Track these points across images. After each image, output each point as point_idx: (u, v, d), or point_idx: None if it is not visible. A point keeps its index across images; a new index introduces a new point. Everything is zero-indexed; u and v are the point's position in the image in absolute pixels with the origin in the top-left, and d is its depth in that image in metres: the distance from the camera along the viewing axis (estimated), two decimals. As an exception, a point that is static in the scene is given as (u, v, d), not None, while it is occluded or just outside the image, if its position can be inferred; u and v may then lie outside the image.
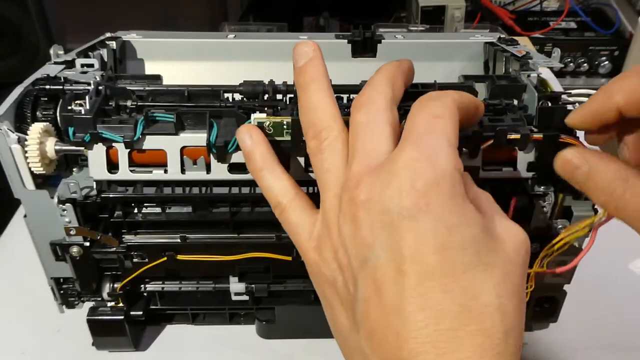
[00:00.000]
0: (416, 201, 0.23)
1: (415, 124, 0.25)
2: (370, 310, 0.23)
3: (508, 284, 0.23)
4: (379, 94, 0.28)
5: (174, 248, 0.40)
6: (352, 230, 0.25)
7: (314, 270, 0.28)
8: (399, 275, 0.23)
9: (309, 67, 0.30)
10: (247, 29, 0.96)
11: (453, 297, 0.22)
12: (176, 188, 0.38)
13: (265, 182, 0.30)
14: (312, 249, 0.28)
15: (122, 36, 0.49)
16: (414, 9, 0.89)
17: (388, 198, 0.23)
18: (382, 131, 0.26)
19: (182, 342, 0.48)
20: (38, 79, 0.38)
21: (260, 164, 0.31)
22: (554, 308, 0.44)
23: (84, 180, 0.37)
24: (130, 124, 0.35)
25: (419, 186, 0.23)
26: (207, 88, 0.37)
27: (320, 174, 0.28)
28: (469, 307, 0.22)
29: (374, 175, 0.25)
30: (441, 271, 0.22)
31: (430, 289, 0.22)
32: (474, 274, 0.23)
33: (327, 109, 0.28)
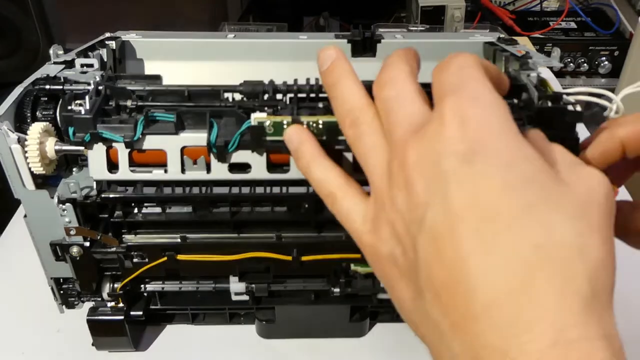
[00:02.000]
0: (469, 144, 0.22)
1: (444, 81, 0.24)
2: (433, 270, 0.21)
3: (584, 222, 0.21)
4: (400, 70, 0.27)
5: (174, 248, 0.40)
6: (406, 195, 0.23)
7: (371, 254, 0.26)
8: (458, 223, 0.21)
9: (335, 67, 0.30)
10: (247, 29, 0.96)
11: (521, 238, 0.20)
12: (176, 188, 0.38)
13: (315, 174, 0.30)
14: (367, 232, 0.26)
15: (122, 36, 0.49)
16: (414, 9, 0.89)
17: (439, 149, 0.22)
18: (414, 99, 0.26)
19: (182, 342, 0.48)
20: (38, 79, 0.38)
21: (308, 159, 0.30)
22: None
23: (84, 180, 0.37)
24: (130, 124, 0.35)
25: (468, 128, 0.22)
26: (207, 88, 0.37)
27: (364, 159, 0.27)
28: (541, 247, 0.19)
29: (420, 134, 0.23)
30: (505, 211, 0.20)
31: (494, 233, 0.20)
32: (544, 209, 0.20)
33: (359, 98, 0.28)
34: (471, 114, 0.22)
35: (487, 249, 0.20)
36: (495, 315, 0.19)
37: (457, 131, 0.22)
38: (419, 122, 0.24)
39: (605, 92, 0.34)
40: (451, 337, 0.21)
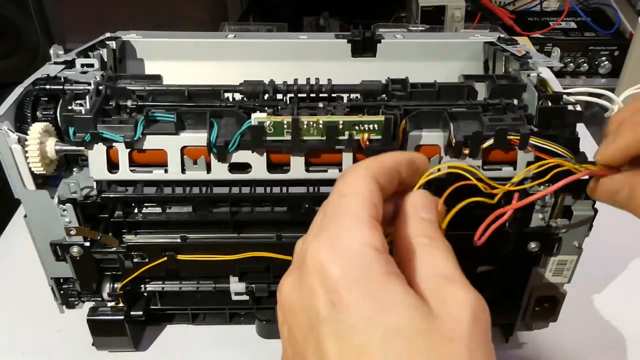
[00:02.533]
0: (328, 300, 0.21)
1: (322, 210, 0.24)
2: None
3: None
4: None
5: (174, 248, 0.40)
6: (289, 335, 0.23)
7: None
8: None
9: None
10: (247, 29, 0.96)
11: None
12: (176, 188, 0.38)
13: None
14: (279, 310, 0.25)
15: (122, 36, 0.49)
16: (414, 9, 0.89)
17: (305, 303, 0.22)
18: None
19: (182, 342, 0.48)
20: (38, 79, 0.38)
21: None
22: (554, 308, 0.44)
23: (84, 180, 0.37)
24: (130, 124, 0.35)
25: (327, 282, 0.21)
26: (208, 88, 0.37)
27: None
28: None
29: (291, 277, 0.23)
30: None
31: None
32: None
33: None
34: (328, 264, 0.21)
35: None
36: None
37: (315, 282, 0.21)
38: (297, 261, 0.24)
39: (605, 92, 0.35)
40: None
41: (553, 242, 0.40)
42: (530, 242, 0.39)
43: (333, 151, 0.35)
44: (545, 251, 0.40)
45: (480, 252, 0.31)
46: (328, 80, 0.37)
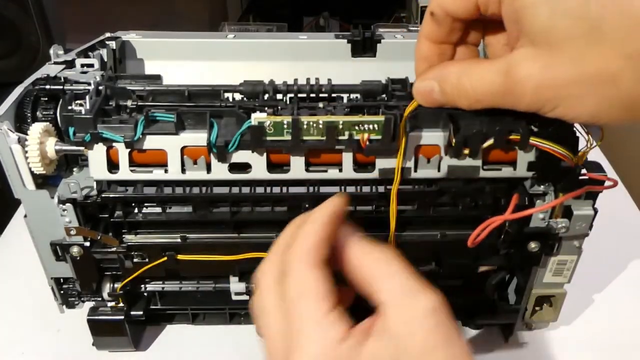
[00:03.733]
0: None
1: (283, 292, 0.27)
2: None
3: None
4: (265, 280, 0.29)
5: (174, 248, 0.40)
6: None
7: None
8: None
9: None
10: (247, 29, 0.96)
11: None
12: (176, 188, 0.38)
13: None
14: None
15: (122, 36, 0.49)
16: (414, 9, 0.89)
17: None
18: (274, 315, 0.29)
19: (182, 342, 0.48)
20: (38, 79, 0.38)
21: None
22: (553, 308, 0.44)
23: (84, 180, 0.37)
24: (130, 124, 0.35)
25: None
26: (208, 88, 0.37)
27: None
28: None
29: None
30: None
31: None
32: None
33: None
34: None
35: None
36: None
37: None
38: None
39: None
40: None
41: (553, 242, 0.40)
42: (530, 242, 0.39)
43: (333, 151, 0.35)
44: (545, 251, 0.40)
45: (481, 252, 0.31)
46: (328, 80, 0.37)
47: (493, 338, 0.48)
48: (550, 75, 0.26)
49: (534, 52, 0.27)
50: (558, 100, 0.27)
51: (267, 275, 0.28)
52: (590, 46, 0.25)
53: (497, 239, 0.38)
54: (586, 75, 0.25)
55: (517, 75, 0.27)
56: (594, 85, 0.25)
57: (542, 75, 0.26)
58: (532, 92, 0.27)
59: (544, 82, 0.26)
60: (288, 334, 0.26)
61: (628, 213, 0.63)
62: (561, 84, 0.26)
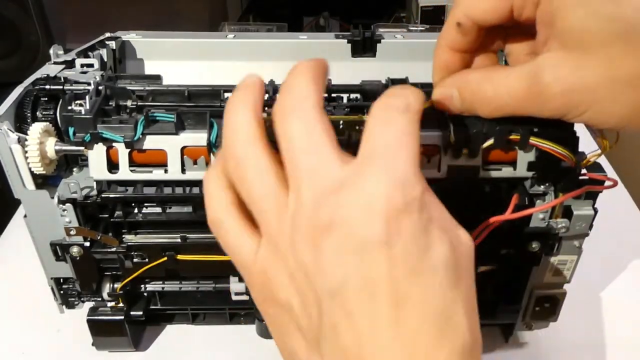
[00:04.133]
0: (387, 227, 0.22)
1: (381, 142, 0.23)
2: (341, 339, 0.22)
3: (470, 297, 0.23)
4: (305, 99, 0.24)
5: (174, 248, 0.40)
6: (314, 256, 0.23)
7: (260, 293, 0.26)
8: (371, 302, 0.22)
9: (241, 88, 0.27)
10: (247, 29, 0.96)
11: (428, 322, 0.22)
12: (176, 188, 0.38)
13: (209, 188, 0.27)
14: (257, 272, 0.25)
15: (122, 36, 0.49)
16: (414, 9, 0.89)
17: (356, 223, 0.22)
18: (325, 144, 0.23)
19: (182, 342, 0.48)
20: (38, 79, 0.38)
21: (208, 173, 0.27)
22: (554, 307, 0.44)
23: (84, 180, 0.37)
24: (130, 124, 0.35)
25: (389, 212, 0.22)
26: (207, 88, 0.37)
27: (253, 200, 0.25)
28: (443, 330, 0.22)
29: (336, 196, 0.22)
30: (415, 297, 0.22)
31: (404, 316, 0.21)
32: (445, 295, 0.22)
33: (247, 139, 0.25)
34: (394, 197, 0.22)
35: (396, 331, 0.21)
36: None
37: (377, 209, 0.22)
38: (333, 178, 0.23)
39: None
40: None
41: (553, 242, 0.40)
42: (531, 242, 0.39)
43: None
44: (545, 251, 0.40)
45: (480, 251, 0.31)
46: (328, 80, 0.37)
47: (493, 338, 0.48)
48: (581, 78, 0.26)
49: (563, 55, 0.26)
50: (587, 105, 0.26)
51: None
52: (624, 48, 0.24)
53: (497, 239, 0.39)
54: (618, 78, 0.25)
55: (545, 78, 0.26)
56: (626, 89, 0.25)
57: (571, 78, 0.26)
58: (560, 95, 0.26)
59: (574, 85, 0.26)
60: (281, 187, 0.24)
61: (628, 213, 0.63)
62: (592, 87, 0.26)
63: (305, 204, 0.23)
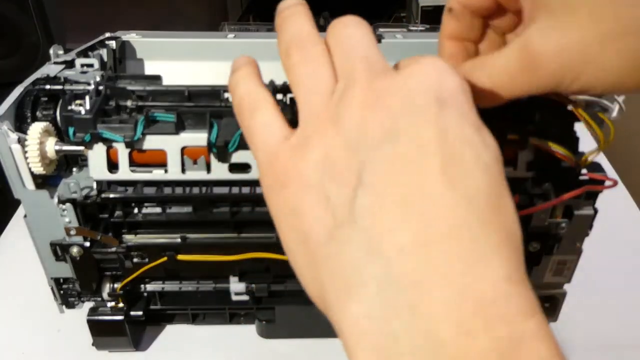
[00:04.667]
0: (444, 95, 0.22)
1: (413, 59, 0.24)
2: (388, 192, 0.20)
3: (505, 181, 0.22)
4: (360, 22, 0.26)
5: (174, 248, 0.40)
6: (362, 116, 0.22)
7: (280, 173, 0.24)
8: (424, 157, 0.20)
9: (291, 5, 0.28)
10: (247, 29, 0.96)
11: (481, 185, 0.20)
12: (176, 188, 0.38)
13: (246, 87, 0.28)
14: (283, 150, 0.24)
15: (122, 36, 0.49)
16: (414, 9, 0.89)
17: (414, 84, 0.22)
18: (375, 45, 0.25)
19: (182, 342, 0.48)
20: (38, 79, 0.38)
21: (243, 74, 0.28)
22: (554, 307, 0.44)
23: (84, 180, 0.37)
24: (130, 124, 0.35)
25: (447, 84, 0.22)
26: (208, 88, 0.37)
27: (304, 80, 0.25)
28: (493, 200, 0.20)
29: (390, 72, 0.23)
30: (467, 159, 0.21)
31: (457, 174, 0.20)
32: (493, 171, 0.21)
33: (310, 30, 0.26)
34: (448, 76, 0.22)
35: (451, 185, 0.20)
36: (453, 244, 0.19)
37: (434, 80, 0.22)
38: (385, 68, 0.23)
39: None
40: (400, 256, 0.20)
41: (553, 242, 0.40)
42: (531, 242, 0.39)
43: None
44: (545, 251, 0.40)
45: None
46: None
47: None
48: (569, 39, 0.25)
49: (549, 21, 0.26)
50: (580, 67, 0.25)
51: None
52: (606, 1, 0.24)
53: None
54: (606, 32, 0.24)
55: (534, 47, 0.26)
56: (616, 42, 0.24)
57: (561, 40, 0.25)
58: (552, 61, 0.26)
59: (564, 46, 0.25)
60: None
61: (628, 213, 0.63)
62: (582, 46, 0.25)
63: (358, 77, 0.23)
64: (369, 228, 0.20)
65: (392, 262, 0.19)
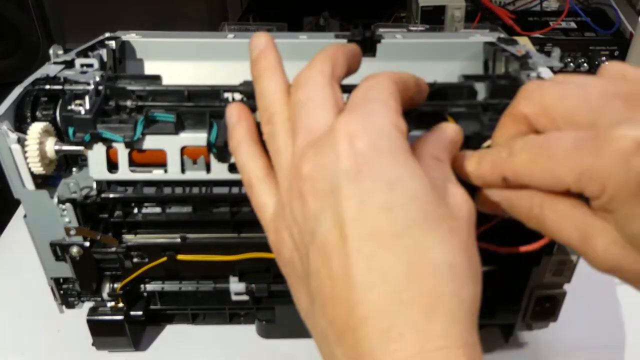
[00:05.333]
0: (355, 162, 0.23)
1: (351, 99, 0.26)
2: (320, 282, 0.23)
3: (455, 240, 0.23)
4: (317, 72, 0.28)
5: (174, 248, 0.40)
6: (300, 205, 0.24)
7: (275, 252, 0.28)
8: (342, 240, 0.22)
9: (260, 58, 0.30)
10: (247, 29, 0.96)
11: (398, 257, 0.21)
12: (176, 188, 0.38)
13: (240, 159, 0.30)
14: (271, 232, 0.28)
15: (122, 36, 0.49)
16: (414, 9, 0.89)
17: (329, 165, 0.23)
18: (322, 106, 0.26)
19: (182, 342, 0.48)
20: (38, 79, 0.38)
21: (237, 141, 0.30)
22: (554, 307, 0.44)
23: (84, 180, 0.37)
24: (130, 124, 0.35)
25: (357, 147, 0.23)
26: (207, 88, 0.37)
27: (274, 157, 0.28)
28: (414, 266, 0.21)
29: (315, 146, 0.25)
30: (384, 230, 0.22)
31: (374, 250, 0.22)
32: (419, 231, 0.22)
33: (278, 95, 0.28)
34: (359, 133, 0.23)
35: (367, 266, 0.21)
36: (370, 326, 0.21)
37: (344, 147, 0.23)
38: (319, 133, 0.25)
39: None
40: (335, 345, 0.23)
41: (553, 241, 0.39)
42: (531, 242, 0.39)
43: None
44: (545, 251, 0.40)
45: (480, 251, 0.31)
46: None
47: (493, 338, 0.48)
48: (630, 264, 0.25)
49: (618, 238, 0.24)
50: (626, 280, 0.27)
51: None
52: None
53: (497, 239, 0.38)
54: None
55: (597, 245, 0.24)
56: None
57: (620, 260, 0.25)
58: (604, 267, 0.26)
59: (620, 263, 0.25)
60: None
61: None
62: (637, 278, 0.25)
63: (296, 155, 0.25)
64: (318, 313, 0.24)
65: (332, 347, 0.23)
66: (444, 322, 0.21)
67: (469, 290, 0.22)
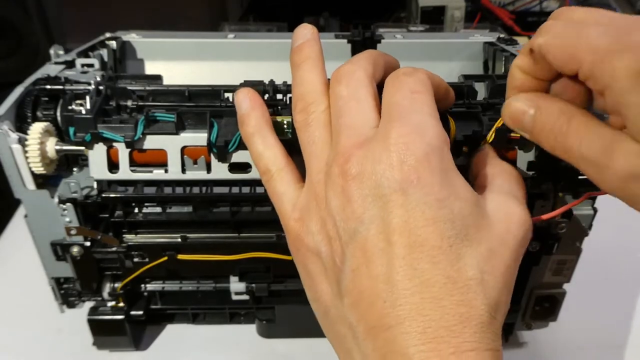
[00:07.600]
0: (407, 175, 0.24)
1: (396, 101, 0.26)
2: (358, 280, 0.24)
3: (494, 261, 0.24)
4: (360, 68, 0.28)
5: (174, 248, 0.40)
6: (341, 203, 0.25)
7: (294, 241, 0.28)
8: (388, 245, 0.24)
9: (305, 47, 0.30)
10: (247, 29, 0.96)
11: (439, 269, 0.23)
12: (177, 188, 0.38)
13: (256, 148, 0.30)
14: (294, 220, 0.28)
15: (122, 36, 0.49)
16: (414, 9, 0.89)
17: (380, 172, 0.24)
18: (366, 104, 0.27)
19: (183, 342, 0.48)
20: (38, 79, 0.38)
21: (252, 129, 0.31)
22: (553, 307, 0.44)
23: (85, 180, 0.37)
24: (130, 124, 0.35)
25: (409, 161, 0.24)
26: (208, 88, 0.37)
27: (306, 146, 0.28)
28: (453, 279, 0.23)
29: (365, 150, 0.25)
30: (429, 243, 0.23)
31: (417, 260, 0.23)
32: (460, 247, 0.24)
33: (317, 85, 0.29)
34: (413, 147, 0.24)
35: (409, 274, 0.23)
36: (407, 326, 0.23)
37: (397, 159, 0.24)
38: (366, 133, 0.26)
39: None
40: (363, 339, 0.24)
41: (553, 241, 0.40)
42: (530, 242, 0.39)
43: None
44: (545, 251, 0.40)
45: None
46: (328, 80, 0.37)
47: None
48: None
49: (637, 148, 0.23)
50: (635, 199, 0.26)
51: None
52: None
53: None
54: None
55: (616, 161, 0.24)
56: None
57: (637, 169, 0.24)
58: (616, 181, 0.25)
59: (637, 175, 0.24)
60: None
61: (628, 213, 0.63)
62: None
63: (341, 154, 0.26)
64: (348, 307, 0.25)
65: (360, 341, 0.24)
66: (475, 329, 0.23)
67: (499, 306, 0.24)
